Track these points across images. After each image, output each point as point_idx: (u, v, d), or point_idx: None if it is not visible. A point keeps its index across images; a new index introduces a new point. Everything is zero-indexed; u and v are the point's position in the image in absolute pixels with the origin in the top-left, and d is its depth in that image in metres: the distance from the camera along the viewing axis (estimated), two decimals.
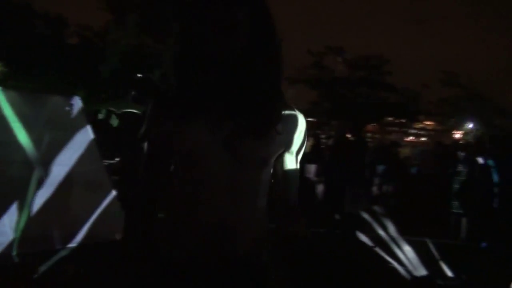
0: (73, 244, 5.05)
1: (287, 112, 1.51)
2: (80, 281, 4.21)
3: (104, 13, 22.90)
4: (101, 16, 24.70)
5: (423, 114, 38.08)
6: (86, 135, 5.50)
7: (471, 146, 9.02)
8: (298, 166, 1.58)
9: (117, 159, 8.29)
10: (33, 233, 4.74)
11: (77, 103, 5.49)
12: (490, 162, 7.84)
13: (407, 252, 6.17)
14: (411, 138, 50.98)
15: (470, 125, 35.10)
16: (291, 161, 1.56)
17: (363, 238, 7.00)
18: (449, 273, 5.33)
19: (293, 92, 28.97)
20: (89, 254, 4.71)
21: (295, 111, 1.54)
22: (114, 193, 5.57)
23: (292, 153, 1.55)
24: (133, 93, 4.97)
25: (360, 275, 5.12)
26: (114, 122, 6.50)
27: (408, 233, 7.24)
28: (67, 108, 5.36)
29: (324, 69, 32.33)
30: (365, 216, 8.48)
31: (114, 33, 21.53)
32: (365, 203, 7.14)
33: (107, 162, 6.03)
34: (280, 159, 1.54)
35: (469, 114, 34.48)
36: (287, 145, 1.52)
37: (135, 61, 20.82)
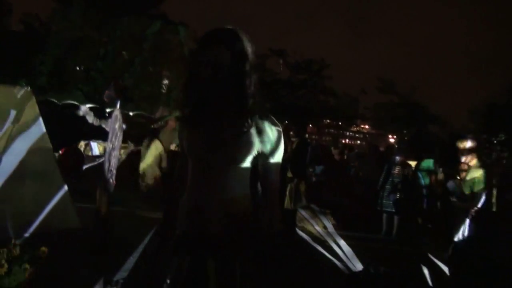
0: (26, 234, 5.02)
1: (264, 124, 1.98)
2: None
3: (50, 2, 22.22)
4: (48, 4, 23.92)
5: (360, 118, 39.46)
6: (38, 127, 5.46)
7: (404, 149, 9.53)
8: (275, 169, 2.03)
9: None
10: None
11: (28, 93, 5.45)
12: (427, 163, 8.40)
13: (343, 247, 6.50)
14: (347, 140, 52.55)
15: (404, 131, 36.57)
16: (267, 165, 2.00)
17: (301, 233, 7.32)
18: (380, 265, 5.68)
19: None
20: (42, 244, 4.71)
21: (271, 124, 1.99)
22: (65, 187, 5.57)
23: (267, 158, 1.99)
24: (107, 92, 4.98)
25: (300, 269, 5.37)
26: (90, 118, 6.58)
27: (344, 229, 7.62)
28: (17, 98, 5.32)
29: (267, 71, 32.96)
30: (303, 213, 8.83)
31: (59, 23, 20.95)
32: (304, 201, 7.36)
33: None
34: (260, 164, 2.00)
35: (403, 120, 36.00)
36: (263, 152, 1.97)
37: (78, 52, 20.42)
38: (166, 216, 2.23)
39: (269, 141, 1.97)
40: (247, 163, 1.97)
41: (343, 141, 48.00)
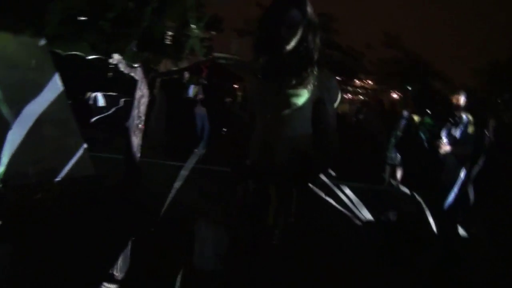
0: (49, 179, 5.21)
1: (323, 74, 2.33)
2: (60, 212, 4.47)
3: None
4: None
5: (364, 73, 39.18)
6: (55, 78, 5.67)
7: (410, 104, 9.73)
8: (332, 114, 2.38)
9: None
10: (12, 169, 4.87)
11: (42, 44, 5.58)
12: (427, 119, 8.62)
13: (350, 196, 6.79)
14: (349, 95, 52.33)
15: (408, 87, 36.43)
16: (326, 110, 2.34)
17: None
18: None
19: (236, 42, 29.06)
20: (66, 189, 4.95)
21: (328, 75, 2.37)
22: (81, 137, 5.80)
23: (326, 104, 2.34)
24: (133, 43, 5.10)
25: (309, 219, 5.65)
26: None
27: (350, 180, 7.89)
28: (37, 49, 5.48)
29: None
30: None
31: None
32: None
33: None
34: (320, 108, 2.33)
35: (407, 75, 35.78)
36: (322, 98, 2.33)
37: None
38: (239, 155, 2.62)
39: (327, 89, 2.33)
40: (308, 107, 2.31)
41: (347, 96, 48.07)
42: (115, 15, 5.06)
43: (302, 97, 2.30)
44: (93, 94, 14.08)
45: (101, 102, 14.58)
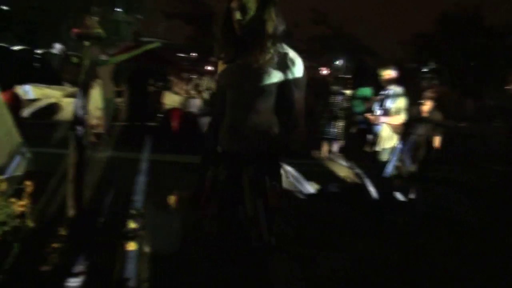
0: None
1: (287, 55, 2.31)
2: None
3: None
4: None
5: (295, 52, 39.66)
6: None
7: (342, 80, 10.00)
8: (299, 95, 2.34)
9: None
10: None
11: None
12: (362, 93, 8.92)
13: (291, 172, 6.92)
14: None
15: (338, 62, 37.18)
16: (292, 91, 2.31)
17: None
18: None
19: (163, 26, 28.61)
20: None
21: (292, 55, 2.33)
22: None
23: (292, 85, 2.31)
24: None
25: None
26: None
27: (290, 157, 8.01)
28: None
29: (200, 4, 32.13)
30: None
31: None
32: None
33: None
34: (286, 90, 2.31)
35: (338, 52, 36.60)
36: (288, 79, 2.30)
37: None
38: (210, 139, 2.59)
39: (292, 73, 2.30)
40: (274, 90, 2.30)
41: None
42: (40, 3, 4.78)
43: (266, 78, 2.27)
44: (23, 87, 13.44)
45: (31, 94, 13.95)
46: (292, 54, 2.33)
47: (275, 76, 2.28)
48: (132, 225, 3.93)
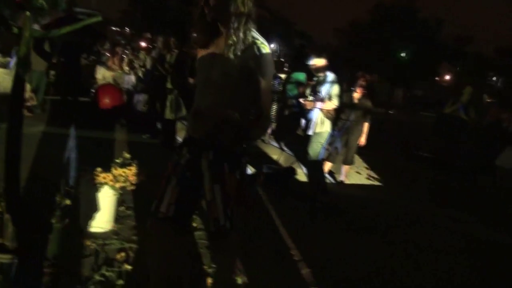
0: None
1: (254, 45, 2.30)
2: None
3: None
4: None
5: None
6: None
7: (277, 64, 10.13)
8: (266, 87, 2.35)
9: None
10: None
11: None
12: (297, 77, 9.07)
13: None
14: None
15: (273, 46, 37.45)
16: (258, 82, 2.31)
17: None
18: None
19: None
20: None
21: (260, 45, 2.30)
22: None
23: (258, 75, 2.30)
24: None
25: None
26: None
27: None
28: None
29: None
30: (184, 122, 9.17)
31: None
32: (185, 111, 7.59)
33: None
34: (253, 80, 2.30)
35: (274, 35, 36.85)
36: (254, 69, 2.29)
37: None
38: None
39: (258, 60, 2.29)
40: (240, 78, 2.29)
41: None
42: None
43: (232, 66, 2.27)
44: None
45: None
46: (261, 44, 2.32)
47: (242, 65, 2.28)
48: (64, 201, 3.86)
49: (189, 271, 3.03)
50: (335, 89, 5.67)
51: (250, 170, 6.21)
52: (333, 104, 5.66)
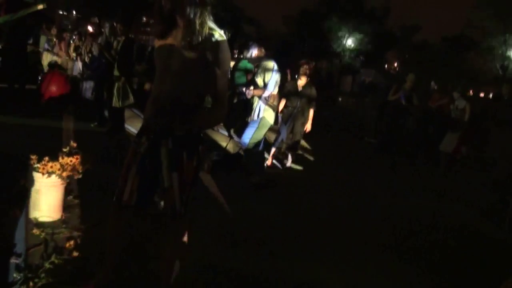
0: None
1: (210, 36, 2.34)
2: None
3: None
4: None
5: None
6: None
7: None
8: (223, 75, 2.39)
9: None
10: None
11: None
12: (241, 64, 9.13)
13: None
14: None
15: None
16: (215, 72, 2.35)
17: (130, 129, 7.68)
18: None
19: None
20: None
21: (216, 35, 2.35)
22: None
23: (214, 65, 2.35)
24: None
25: None
26: None
27: None
28: None
29: None
30: (133, 110, 9.13)
31: None
32: (132, 99, 7.53)
33: None
34: (209, 70, 2.35)
35: (222, 22, 36.71)
36: (210, 59, 2.34)
37: None
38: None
39: (215, 50, 2.34)
40: (197, 68, 2.35)
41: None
42: None
43: (189, 56, 2.32)
44: None
45: None
46: (217, 35, 2.37)
47: (199, 55, 2.33)
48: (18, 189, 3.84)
49: (143, 254, 3.17)
50: (274, 77, 5.80)
51: None
52: (270, 91, 5.79)
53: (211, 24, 2.38)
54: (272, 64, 5.88)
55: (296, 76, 7.01)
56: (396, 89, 10.10)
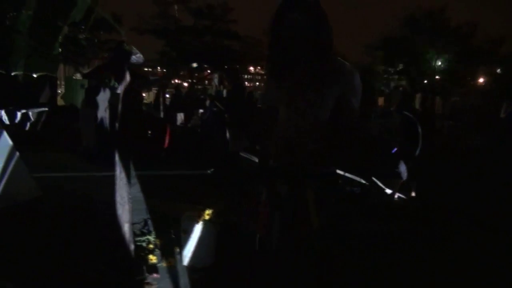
0: None
1: (341, 68, 2.26)
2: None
3: None
4: None
5: (264, 60, 39.83)
6: None
7: None
8: (354, 108, 2.28)
9: None
10: None
11: None
12: None
13: None
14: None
15: None
16: (347, 104, 2.25)
17: None
18: None
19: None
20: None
21: (346, 67, 2.26)
22: (17, 153, 5.10)
23: (347, 98, 2.25)
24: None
25: None
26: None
27: None
28: None
29: (170, 18, 32.36)
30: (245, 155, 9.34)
31: None
32: (245, 142, 7.69)
33: None
34: (341, 103, 2.25)
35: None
36: (342, 92, 2.24)
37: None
38: (263, 152, 2.61)
39: (346, 83, 2.24)
40: (329, 104, 2.25)
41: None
42: None
43: (322, 93, 2.23)
44: None
45: (5, 118, 13.43)
46: (350, 71, 2.27)
47: (331, 90, 2.23)
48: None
49: None
50: None
51: None
52: None
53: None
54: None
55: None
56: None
